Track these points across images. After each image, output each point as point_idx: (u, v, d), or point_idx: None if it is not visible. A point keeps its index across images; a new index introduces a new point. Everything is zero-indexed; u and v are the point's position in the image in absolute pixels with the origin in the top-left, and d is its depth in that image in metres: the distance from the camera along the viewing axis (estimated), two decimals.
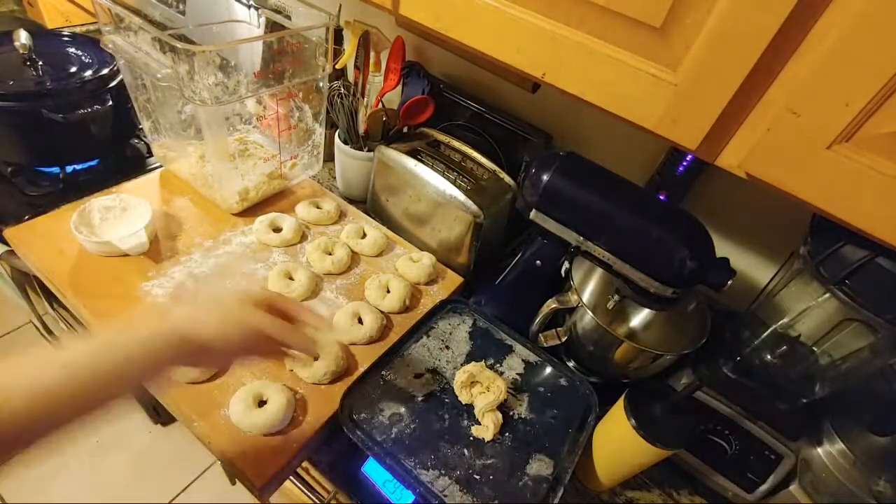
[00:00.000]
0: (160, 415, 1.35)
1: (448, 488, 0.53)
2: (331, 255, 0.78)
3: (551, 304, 0.67)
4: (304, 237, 0.83)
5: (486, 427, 0.58)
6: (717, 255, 0.57)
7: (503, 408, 0.60)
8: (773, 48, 0.36)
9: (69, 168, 0.88)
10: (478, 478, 0.54)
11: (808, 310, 0.59)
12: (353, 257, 0.81)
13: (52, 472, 1.30)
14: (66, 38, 0.93)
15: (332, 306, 0.73)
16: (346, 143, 0.90)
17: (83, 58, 0.89)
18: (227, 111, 0.86)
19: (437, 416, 0.59)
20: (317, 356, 0.62)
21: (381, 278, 0.76)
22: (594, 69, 0.45)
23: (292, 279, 0.74)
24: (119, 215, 0.76)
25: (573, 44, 0.45)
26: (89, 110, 0.84)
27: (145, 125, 0.86)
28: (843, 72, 0.34)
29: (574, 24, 0.45)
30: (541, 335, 0.71)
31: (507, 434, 0.59)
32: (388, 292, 0.75)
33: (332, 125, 0.92)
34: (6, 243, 0.74)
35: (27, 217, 0.76)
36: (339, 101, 0.85)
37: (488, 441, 0.58)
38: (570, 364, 0.76)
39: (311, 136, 0.90)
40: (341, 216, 0.89)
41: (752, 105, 0.40)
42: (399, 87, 0.91)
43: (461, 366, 0.63)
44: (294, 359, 0.62)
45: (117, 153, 0.96)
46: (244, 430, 0.57)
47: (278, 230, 0.82)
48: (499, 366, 0.66)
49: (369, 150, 0.89)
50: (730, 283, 0.55)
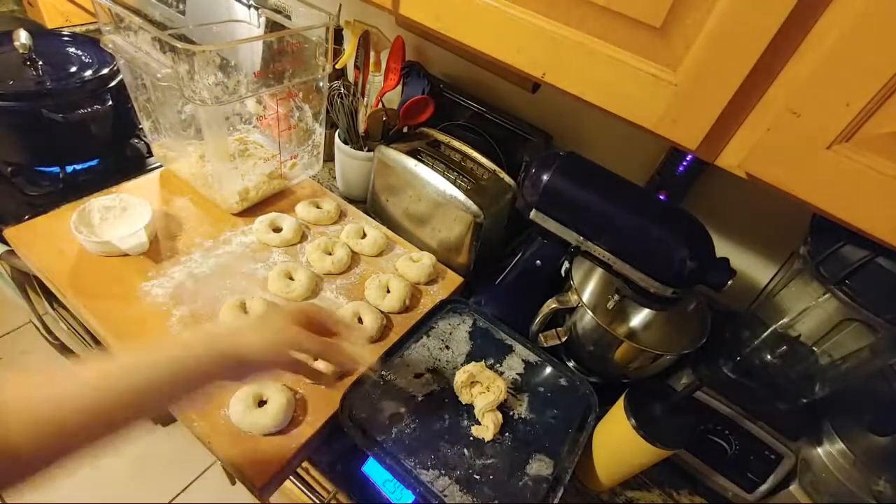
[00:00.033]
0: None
1: (448, 488, 0.53)
2: (331, 255, 0.78)
3: (551, 304, 0.67)
4: (304, 237, 0.83)
5: (486, 427, 0.58)
6: (717, 255, 0.57)
7: (503, 408, 0.60)
8: (773, 48, 0.36)
9: (69, 168, 0.88)
10: (478, 478, 0.54)
11: (808, 310, 0.59)
12: (353, 257, 0.81)
13: (52, 471, 1.30)
14: (66, 38, 0.93)
15: (333, 306, 0.73)
16: (346, 143, 0.90)
17: (83, 58, 0.89)
18: (227, 111, 0.86)
19: (437, 416, 0.59)
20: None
21: (381, 278, 0.76)
22: (594, 69, 0.45)
23: (292, 279, 0.74)
24: (119, 215, 0.76)
25: (573, 44, 0.45)
26: (89, 110, 0.84)
27: (145, 125, 0.86)
28: (843, 72, 0.34)
29: (574, 24, 0.45)
30: (541, 335, 0.71)
31: (507, 434, 0.59)
32: (388, 292, 0.75)
33: (332, 125, 0.92)
34: (6, 243, 0.74)
35: (27, 217, 0.76)
36: (339, 100, 0.85)
37: (488, 441, 0.58)
38: (570, 364, 0.76)
39: (311, 136, 0.90)
40: (341, 216, 0.89)
41: (752, 105, 0.40)
42: (399, 87, 0.91)
43: (461, 366, 0.63)
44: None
45: (117, 153, 0.96)
46: (244, 430, 0.57)
47: (278, 230, 0.82)
48: (499, 366, 0.66)
49: (369, 150, 0.89)
50: (730, 283, 0.55)
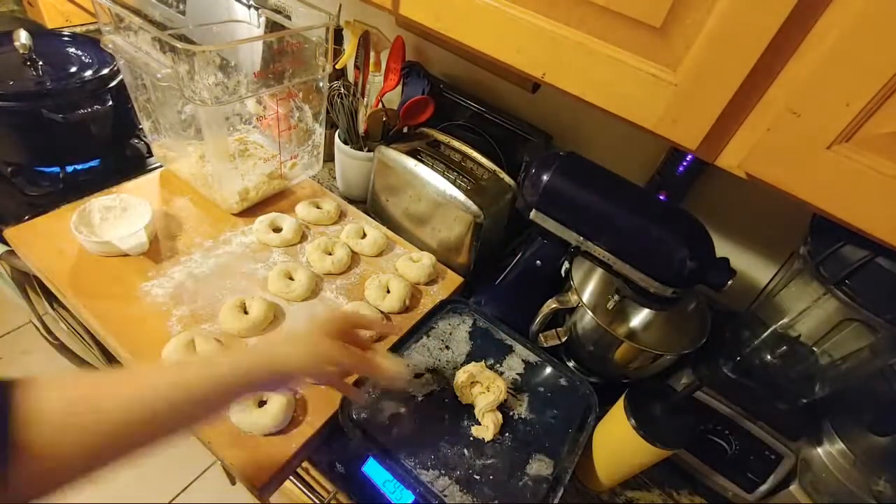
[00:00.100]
0: None
1: (448, 488, 0.53)
2: (331, 255, 0.78)
3: (551, 304, 0.67)
4: (304, 237, 0.83)
5: (486, 427, 0.58)
6: (717, 255, 0.57)
7: (503, 408, 0.60)
8: (773, 48, 0.36)
9: (69, 168, 0.88)
10: (478, 478, 0.54)
11: (808, 310, 0.59)
12: (353, 257, 0.81)
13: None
14: (66, 38, 0.93)
15: (333, 306, 0.73)
16: (346, 143, 0.90)
17: (83, 58, 0.89)
18: (227, 111, 0.86)
19: (437, 416, 0.59)
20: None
21: (381, 278, 0.76)
22: (594, 69, 0.45)
23: (292, 279, 0.74)
24: (119, 215, 0.76)
25: (573, 44, 0.45)
26: (89, 110, 0.84)
27: (145, 125, 0.86)
28: (843, 72, 0.34)
29: (574, 24, 0.45)
30: (541, 335, 0.71)
31: (507, 434, 0.59)
32: (388, 292, 0.75)
33: (332, 125, 0.92)
34: (6, 243, 0.74)
35: (27, 217, 0.76)
36: (339, 101, 0.85)
37: (488, 441, 0.58)
38: (570, 364, 0.76)
39: (311, 136, 0.90)
40: (341, 216, 0.89)
41: (752, 105, 0.40)
42: (399, 87, 0.91)
43: (461, 366, 0.63)
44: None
45: (117, 153, 0.96)
46: (244, 430, 0.57)
47: (278, 230, 0.82)
48: (499, 366, 0.66)
49: (369, 150, 0.89)
50: (730, 283, 0.55)
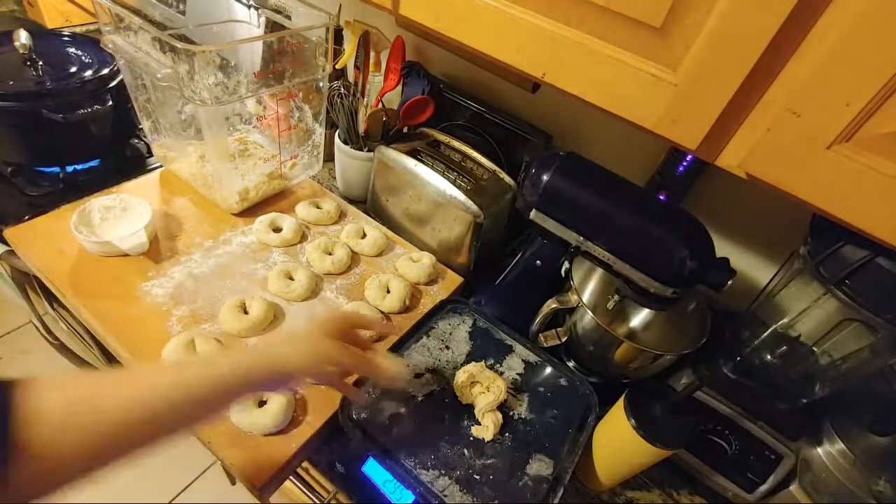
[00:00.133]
0: None
1: (448, 488, 0.53)
2: (331, 255, 0.78)
3: (551, 304, 0.67)
4: (304, 237, 0.83)
5: (486, 427, 0.58)
6: (717, 255, 0.57)
7: (503, 408, 0.60)
8: (773, 48, 0.36)
9: (69, 168, 0.88)
10: (478, 478, 0.54)
11: (808, 310, 0.59)
12: (353, 257, 0.81)
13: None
14: (66, 38, 0.93)
15: (333, 306, 0.73)
16: (346, 143, 0.90)
17: (83, 58, 0.89)
18: (227, 111, 0.86)
19: (437, 416, 0.59)
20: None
21: (381, 278, 0.76)
22: (594, 69, 0.45)
23: (292, 279, 0.74)
24: (119, 215, 0.76)
25: (573, 44, 0.45)
26: (89, 110, 0.84)
27: (145, 125, 0.86)
28: (843, 72, 0.34)
29: (574, 24, 0.45)
30: (541, 335, 0.71)
31: (507, 434, 0.59)
32: (388, 292, 0.75)
33: (332, 125, 0.92)
34: (6, 243, 0.74)
35: (27, 217, 0.76)
36: (339, 101, 0.85)
37: (488, 441, 0.58)
38: (570, 364, 0.76)
39: (311, 136, 0.90)
40: (341, 216, 0.89)
41: (752, 105, 0.40)
42: (399, 87, 0.91)
43: (461, 366, 0.63)
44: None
45: (117, 153, 0.96)
46: (244, 430, 0.57)
47: (278, 230, 0.82)
48: (499, 366, 0.66)
49: (369, 150, 0.89)
50: (730, 283, 0.55)
